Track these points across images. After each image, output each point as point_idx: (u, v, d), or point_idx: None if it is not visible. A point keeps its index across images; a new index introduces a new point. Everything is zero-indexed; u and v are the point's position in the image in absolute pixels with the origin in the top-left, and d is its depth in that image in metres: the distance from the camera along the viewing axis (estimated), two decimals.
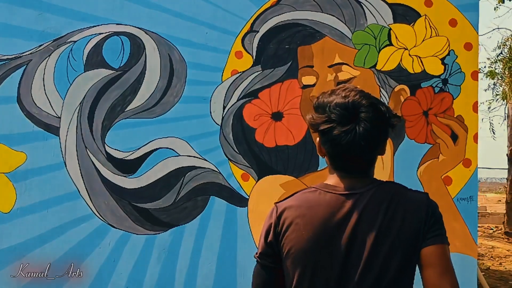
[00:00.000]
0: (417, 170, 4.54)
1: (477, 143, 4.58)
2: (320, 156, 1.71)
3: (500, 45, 10.67)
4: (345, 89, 1.55)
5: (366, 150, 1.52)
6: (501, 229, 12.07)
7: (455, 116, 4.56)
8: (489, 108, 11.90)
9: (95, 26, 4.69)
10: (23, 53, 4.69)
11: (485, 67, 11.16)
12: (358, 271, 1.48)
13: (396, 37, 4.62)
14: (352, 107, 1.49)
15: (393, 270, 1.49)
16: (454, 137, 4.56)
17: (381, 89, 4.60)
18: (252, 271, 4.53)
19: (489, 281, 7.04)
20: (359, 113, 1.50)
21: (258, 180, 4.61)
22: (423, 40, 4.61)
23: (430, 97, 4.58)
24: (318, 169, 4.51)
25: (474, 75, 4.58)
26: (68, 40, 4.69)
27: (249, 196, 4.61)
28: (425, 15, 4.61)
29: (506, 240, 11.13)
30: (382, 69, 4.62)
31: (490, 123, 13.55)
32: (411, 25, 4.62)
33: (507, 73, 10.21)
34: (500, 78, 10.85)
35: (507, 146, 12.08)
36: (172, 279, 4.58)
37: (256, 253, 1.71)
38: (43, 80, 4.67)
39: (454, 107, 4.57)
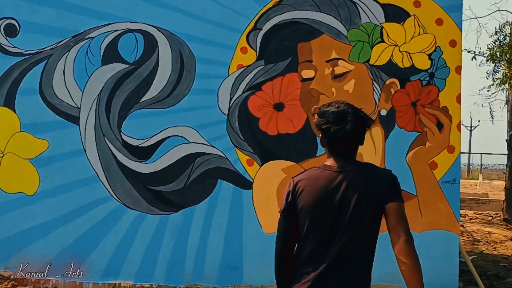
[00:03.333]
0: (406, 156, 4.94)
1: (460, 131, 5.00)
2: (317, 144, 2.25)
3: (497, 31, 10.62)
4: (337, 102, 2.25)
5: (351, 141, 2.22)
6: (500, 216, 12.13)
7: (440, 107, 4.96)
8: (488, 91, 12.19)
9: (111, 23, 5.05)
10: (44, 48, 5.06)
11: (485, 51, 10.88)
12: (346, 219, 2.16)
13: (388, 35, 5.01)
14: (342, 113, 2.19)
15: (368, 218, 2.17)
16: (440, 126, 4.95)
17: (374, 82, 5.00)
18: (256, 247, 4.98)
19: (481, 263, 7.24)
20: (347, 117, 2.18)
21: (261, 165, 5.00)
22: (412, 38, 5.00)
23: (418, 89, 4.98)
24: (316, 155, 4.91)
25: (458, 70, 4.99)
26: (86, 37, 5.05)
27: (253, 180, 5.00)
28: (414, 15, 4.99)
29: (505, 226, 11.19)
30: (374, 64, 4.99)
31: (490, 108, 13.63)
32: (401, 24, 5.00)
33: (507, 57, 10.22)
34: (498, 63, 10.85)
35: (507, 132, 12.03)
36: (184, 255, 4.98)
37: (280, 210, 2.29)
38: (64, 73, 5.04)
39: (439, 98, 4.96)
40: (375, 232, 2.21)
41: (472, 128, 43.45)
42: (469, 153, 36.17)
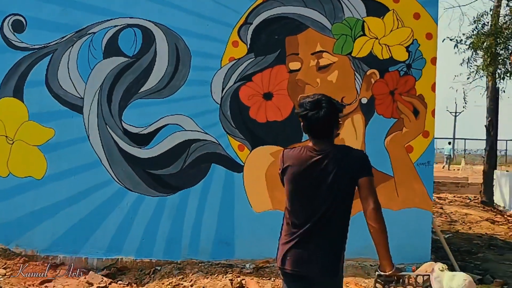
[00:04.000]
0: (384, 140, 5.33)
1: (434, 117, 5.39)
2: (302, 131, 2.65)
3: (475, 20, 10.80)
4: (314, 94, 2.63)
5: (326, 124, 2.56)
6: (478, 198, 12.51)
7: (416, 95, 5.33)
8: (468, 79, 11.94)
9: (112, 19, 5.39)
10: (50, 43, 5.41)
11: (465, 39, 11.11)
12: (325, 190, 2.52)
13: (369, 29, 5.36)
14: (317, 102, 2.55)
15: (344, 190, 2.54)
16: (416, 112, 5.34)
17: (356, 72, 5.37)
18: (246, 225, 5.38)
19: (456, 241, 7.63)
20: (321, 104, 2.54)
21: (252, 150, 5.38)
22: (391, 31, 5.35)
23: (396, 79, 5.35)
24: (302, 141, 5.28)
25: (433, 61, 5.36)
26: (88, 32, 5.41)
27: (244, 164, 5.38)
28: (393, 9, 5.34)
29: (482, 208, 11.48)
30: (356, 56, 5.35)
31: (464, 94, 13.91)
32: (381, 18, 5.34)
33: (484, 46, 10.48)
34: (475, 52, 10.88)
35: (486, 117, 12.30)
36: (180, 232, 5.38)
37: (278, 172, 2.69)
38: (68, 66, 5.39)
39: (416, 87, 5.33)
40: (349, 203, 2.57)
41: (457, 113, 43.33)
42: (453, 138, 36.32)
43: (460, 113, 44.17)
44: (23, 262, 5.32)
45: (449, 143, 29.49)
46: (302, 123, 2.60)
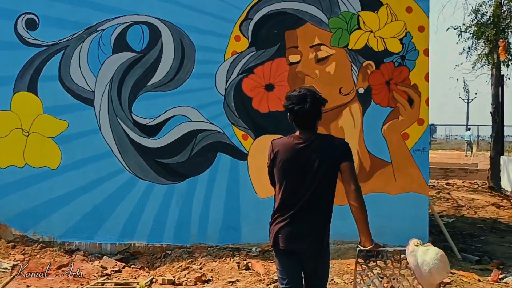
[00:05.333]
0: (381, 128, 5.61)
1: (428, 106, 5.66)
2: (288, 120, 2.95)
3: (475, 10, 10.98)
4: (300, 87, 2.90)
5: (310, 116, 2.83)
6: (486, 184, 12.57)
7: (411, 85, 5.61)
8: (473, 67, 12.16)
9: (120, 16, 5.66)
10: (61, 40, 5.67)
11: (467, 28, 11.31)
12: (312, 175, 2.80)
13: (364, 22, 5.63)
14: (302, 96, 2.82)
15: (328, 174, 2.82)
16: (411, 101, 5.61)
17: (352, 64, 5.65)
18: (252, 210, 5.61)
19: (459, 225, 7.82)
20: (306, 99, 2.81)
21: (255, 139, 5.65)
22: (385, 24, 5.62)
23: (391, 70, 5.62)
24: None
25: (426, 52, 5.64)
26: (98, 29, 5.67)
27: (248, 152, 5.66)
28: (387, 4, 5.61)
29: (489, 193, 11.46)
30: (353, 48, 5.62)
31: (464, 83, 14.10)
32: (376, 12, 5.61)
33: (485, 36, 10.71)
34: (477, 40, 11.15)
35: (491, 104, 12.50)
36: (189, 218, 5.66)
37: (267, 163, 2.97)
38: (79, 62, 5.66)
39: (410, 77, 5.61)
40: (333, 185, 2.87)
41: (470, 100, 43.17)
42: (466, 125, 36.24)
43: (472, 99, 44.18)
44: (40, 248, 5.60)
45: (469, 129, 29.07)
46: (288, 114, 2.88)
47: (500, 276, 5.15)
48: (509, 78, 12.57)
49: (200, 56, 5.66)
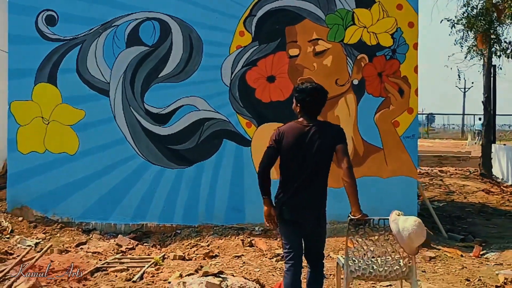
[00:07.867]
0: (374, 117, 6.04)
1: (417, 96, 6.11)
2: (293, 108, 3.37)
3: (465, 4, 11.23)
4: (308, 82, 3.44)
5: (317, 106, 3.33)
6: (477, 171, 12.89)
7: (401, 77, 6.04)
8: (465, 58, 12.43)
9: (133, 13, 6.06)
10: (78, 35, 6.07)
11: (459, 20, 11.50)
12: (312, 154, 3.24)
13: (358, 19, 6.06)
14: (311, 89, 3.31)
15: (326, 154, 3.29)
16: (401, 92, 6.05)
17: (347, 57, 6.08)
18: (255, 193, 6.01)
19: (449, 208, 8.22)
20: (314, 90, 3.31)
21: (258, 127, 6.05)
22: (378, 21, 6.05)
23: (383, 62, 6.05)
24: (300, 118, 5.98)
25: (415, 46, 6.07)
26: (113, 25, 6.07)
27: (252, 139, 6.07)
28: (379, 1, 6.04)
29: (480, 180, 11.76)
30: (348, 43, 6.04)
31: (458, 71, 14.35)
32: (369, 9, 6.04)
33: (475, 28, 11.10)
34: (467, 32, 11.38)
35: (483, 94, 12.88)
36: (197, 201, 6.07)
37: (268, 145, 3.38)
38: (95, 55, 6.06)
39: (400, 70, 6.04)
40: (329, 163, 3.32)
41: (466, 90, 43.17)
42: (463, 114, 36.33)
43: (468, 89, 44.09)
44: (60, 228, 6.02)
45: (479, 119, 29.06)
46: (295, 103, 3.33)
47: (482, 252, 5.61)
48: (500, 68, 12.87)
49: (207, 50, 6.05)
